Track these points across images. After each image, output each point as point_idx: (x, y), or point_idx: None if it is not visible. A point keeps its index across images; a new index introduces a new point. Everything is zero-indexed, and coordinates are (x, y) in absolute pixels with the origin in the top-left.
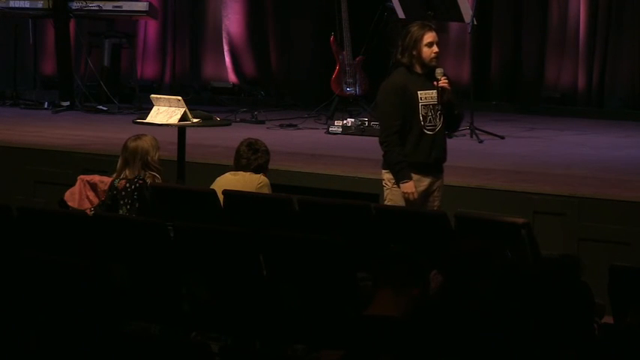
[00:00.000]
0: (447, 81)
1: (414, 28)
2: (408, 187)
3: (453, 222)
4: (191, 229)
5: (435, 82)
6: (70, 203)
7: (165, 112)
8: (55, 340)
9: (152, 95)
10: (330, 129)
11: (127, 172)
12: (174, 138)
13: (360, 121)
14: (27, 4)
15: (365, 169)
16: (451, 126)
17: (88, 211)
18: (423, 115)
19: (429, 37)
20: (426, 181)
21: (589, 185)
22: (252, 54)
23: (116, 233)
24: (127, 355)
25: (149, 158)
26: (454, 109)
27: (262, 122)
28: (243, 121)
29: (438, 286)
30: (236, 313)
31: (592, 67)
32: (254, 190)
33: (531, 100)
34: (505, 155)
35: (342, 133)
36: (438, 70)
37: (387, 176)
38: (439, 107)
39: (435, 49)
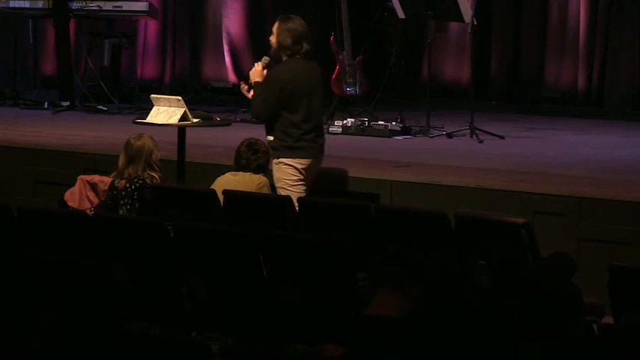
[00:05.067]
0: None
1: None
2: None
3: (453, 222)
4: (191, 229)
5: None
6: (70, 203)
7: (165, 112)
8: (55, 340)
9: (152, 95)
10: (330, 129)
11: (130, 170)
12: (174, 138)
13: (360, 121)
14: (27, 4)
15: (365, 169)
16: None
17: (88, 211)
18: None
19: None
20: None
21: (589, 185)
22: (252, 54)
23: (116, 233)
24: (127, 355)
25: (153, 157)
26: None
27: (262, 122)
28: (243, 121)
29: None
30: (236, 313)
31: (592, 67)
32: (254, 190)
33: (531, 100)
34: (505, 155)
35: (342, 133)
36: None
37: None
38: None
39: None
